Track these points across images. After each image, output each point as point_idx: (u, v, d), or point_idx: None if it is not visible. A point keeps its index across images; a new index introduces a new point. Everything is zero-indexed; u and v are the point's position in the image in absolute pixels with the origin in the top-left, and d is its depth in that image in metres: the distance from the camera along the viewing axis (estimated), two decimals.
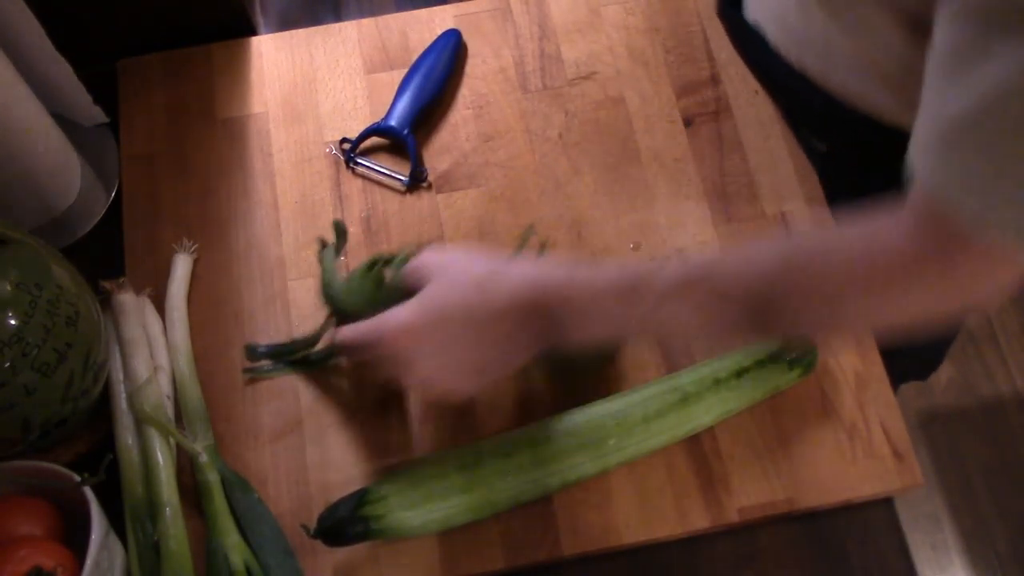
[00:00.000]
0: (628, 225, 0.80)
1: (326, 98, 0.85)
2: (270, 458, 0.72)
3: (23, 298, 0.61)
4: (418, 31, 0.88)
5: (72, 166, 0.80)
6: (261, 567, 0.66)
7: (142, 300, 0.75)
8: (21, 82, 0.73)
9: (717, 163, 0.82)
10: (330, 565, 0.68)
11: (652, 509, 0.69)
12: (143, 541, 0.66)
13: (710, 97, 0.85)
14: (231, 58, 0.87)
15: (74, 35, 0.77)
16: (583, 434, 0.68)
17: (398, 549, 0.69)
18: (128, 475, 0.68)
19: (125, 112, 0.84)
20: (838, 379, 0.73)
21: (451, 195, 0.81)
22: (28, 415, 0.62)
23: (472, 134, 0.84)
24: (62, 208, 0.80)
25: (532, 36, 0.88)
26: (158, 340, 0.73)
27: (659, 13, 0.88)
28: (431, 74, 0.83)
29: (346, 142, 0.83)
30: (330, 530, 0.64)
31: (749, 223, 0.79)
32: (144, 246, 0.79)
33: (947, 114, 0.48)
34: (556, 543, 0.69)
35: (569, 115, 0.84)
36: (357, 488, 0.66)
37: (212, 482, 0.69)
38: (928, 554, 1.50)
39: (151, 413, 0.68)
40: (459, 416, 0.73)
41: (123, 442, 0.69)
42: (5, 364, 0.60)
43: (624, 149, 0.83)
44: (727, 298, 0.57)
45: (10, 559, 0.60)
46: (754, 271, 0.56)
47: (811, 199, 0.80)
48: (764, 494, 0.70)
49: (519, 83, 0.86)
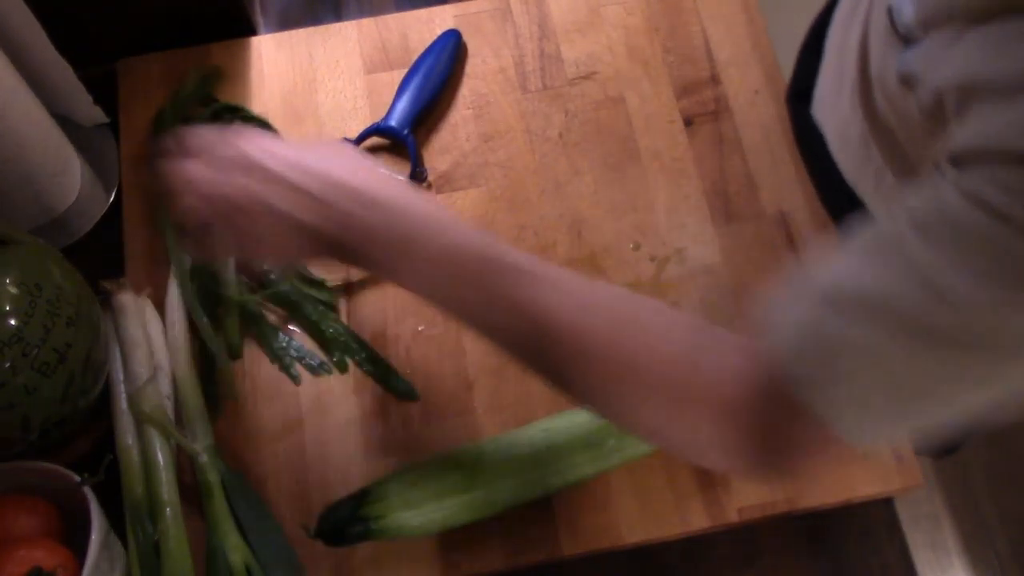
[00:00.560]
0: (628, 225, 0.80)
1: (326, 98, 0.85)
2: (270, 458, 0.72)
3: (23, 298, 0.61)
4: (418, 31, 0.88)
5: (72, 166, 0.80)
6: (261, 567, 0.66)
7: (142, 300, 0.75)
8: (21, 82, 0.73)
9: (717, 163, 0.82)
10: (330, 565, 0.68)
11: (652, 509, 0.69)
12: (143, 541, 0.66)
13: (710, 97, 0.85)
14: (231, 58, 0.87)
15: (74, 35, 0.77)
16: (583, 434, 0.68)
17: (398, 549, 0.69)
18: (128, 475, 0.68)
19: (125, 112, 0.84)
20: None
21: (451, 195, 0.81)
22: (28, 415, 0.62)
23: (472, 134, 0.84)
24: (62, 208, 0.80)
25: (532, 36, 0.88)
26: (158, 340, 0.73)
27: (659, 13, 0.88)
28: (431, 74, 0.83)
29: (346, 142, 0.83)
30: (330, 530, 0.64)
31: (749, 223, 0.79)
32: (144, 246, 0.79)
33: (833, 280, 0.44)
34: (556, 543, 0.69)
35: (569, 115, 0.84)
36: (357, 488, 0.66)
37: (212, 482, 0.69)
38: (928, 554, 1.50)
39: (151, 413, 0.68)
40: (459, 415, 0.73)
41: (123, 442, 0.69)
42: (5, 364, 0.60)
43: (624, 149, 0.83)
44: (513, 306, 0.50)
45: (10, 559, 0.60)
46: (591, 314, 0.50)
47: (811, 199, 0.80)
48: (764, 494, 0.70)
49: (519, 83, 0.86)
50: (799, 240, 0.79)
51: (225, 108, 0.83)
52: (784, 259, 0.78)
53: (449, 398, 0.74)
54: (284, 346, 0.75)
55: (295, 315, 0.76)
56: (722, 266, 0.78)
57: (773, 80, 0.85)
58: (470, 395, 0.74)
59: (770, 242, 0.79)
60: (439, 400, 0.74)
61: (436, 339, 0.76)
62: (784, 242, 0.79)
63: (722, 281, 0.78)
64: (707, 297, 0.77)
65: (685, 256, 0.78)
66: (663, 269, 0.78)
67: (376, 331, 0.76)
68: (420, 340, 0.76)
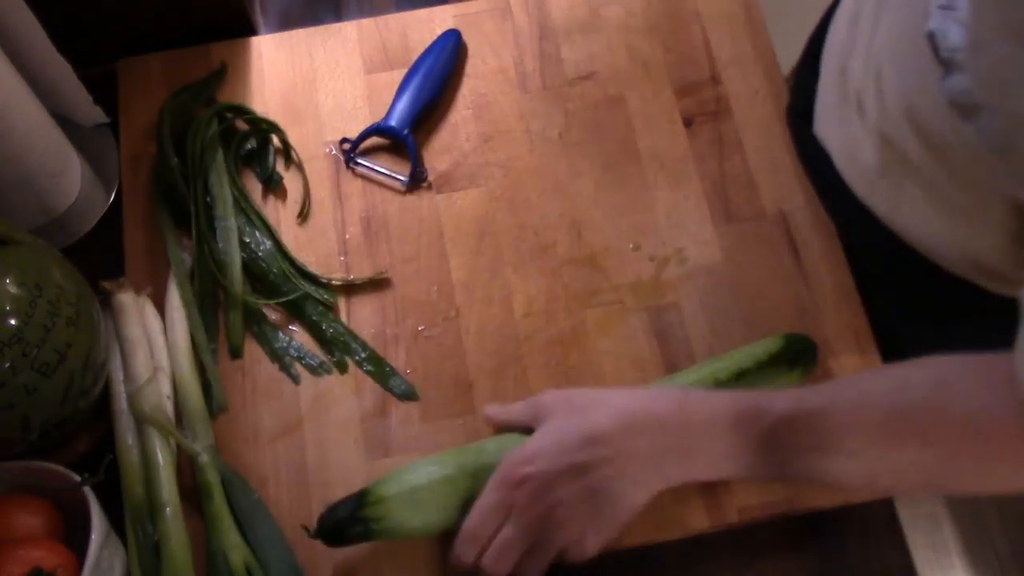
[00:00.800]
0: (628, 225, 0.80)
1: (326, 98, 0.85)
2: (270, 458, 0.72)
3: (23, 298, 0.61)
4: (418, 31, 0.88)
5: (72, 166, 0.80)
6: (261, 567, 0.66)
7: (142, 300, 0.75)
8: (21, 82, 0.73)
9: (717, 163, 0.82)
10: (330, 565, 0.68)
11: (652, 510, 0.69)
12: (143, 541, 0.66)
13: (710, 97, 0.85)
14: (231, 58, 0.87)
15: (74, 35, 0.77)
16: None
17: (398, 549, 0.69)
18: (128, 475, 0.68)
19: (125, 112, 0.84)
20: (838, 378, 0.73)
21: (451, 195, 0.81)
22: (28, 415, 0.62)
23: (472, 134, 0.84)
24: (62, 208, 0.80)
25: (532, 36, 0.88)
26: (158, 340, 0.73)
27: (659, 13, 0.88)
28: (431, 74, 0.83)
29: (346, 142, 0.83)
30: (330, 531, 0.64)
31: (749, 223, 0.79)
32: (144, 246, 0.79)
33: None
34: None
35: (569, 115, 0.84)
36: (357, 488, 0.66)
37: (212, 482, 0.69)
38: (928, 554, 1.50)
39: (151, 413, 0.68)
40: (459, 415, 0.73)
41: (123, 442, 0.69)
42: (5, 364, 0.60)
43: (624, 149, 0.83)
44: (842, 445, 0.57)
45: (10, 559, 0.60)
46: (864, 420, 0.56)
47: (811, 199, 0.80)
48: (764, 494, 0.70)
49: (519, 83, 0.86)
50: (799, 240, 0.79)
51: (228, 108, 0.83)
52: (784, 259, 0.78)
53: (449, 398, 0.74)
54: (284, 346, 0.75)
55: (295, 315, 0.77)
56: (722, 266, 0.78)
57: (773, 80, 0.85)
58: (470, 395, 0.74)
59: (770, 242, 0.79)
60: (439, 400, 0.74)
61: (436, 339, 0.76)
62: (784, 242, 0.79)
63: (722, 281, 0.78)
64: (707, 297, 0.77)
65: (685, 256, 0.78)
66: (663, 269, 0.78)
67: (376, 331, 0.76)
68: (420, 340, 0.76)
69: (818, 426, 0.57)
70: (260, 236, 0.78)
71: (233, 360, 0.75)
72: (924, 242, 0.69)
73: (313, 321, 0.76)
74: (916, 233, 0.69)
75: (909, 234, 0.69)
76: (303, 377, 0.75)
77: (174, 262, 0.77)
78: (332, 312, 0.76)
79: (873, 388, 0.59)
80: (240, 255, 0.77)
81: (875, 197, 0.71)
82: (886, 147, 0.66)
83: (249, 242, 0.78)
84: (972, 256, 0.66)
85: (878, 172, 0.68)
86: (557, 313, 0.76)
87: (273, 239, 0.78)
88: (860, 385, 0.60)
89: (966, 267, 0.67)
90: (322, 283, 0.77)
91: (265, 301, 0.76)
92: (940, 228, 0.66)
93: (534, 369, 0.74)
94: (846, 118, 0.71)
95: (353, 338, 0.75)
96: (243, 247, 0.78)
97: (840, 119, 0.73)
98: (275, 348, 0.75)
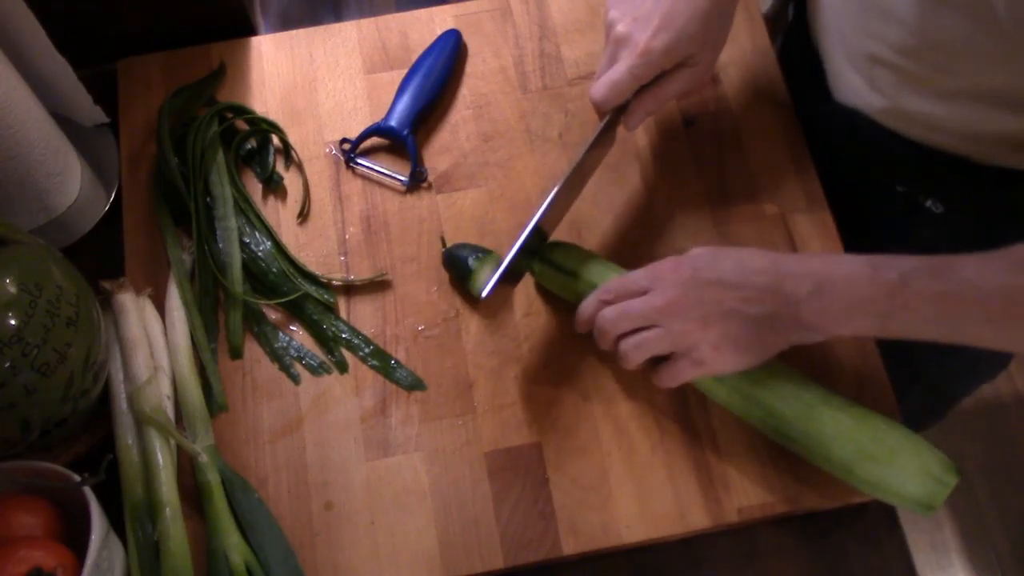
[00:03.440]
0: (628, 225, 0.80)
1: (326, 98, 0.85)
2: (270, 458, 0.72)
3: (23, 298, 0.61)
4: (418, 31, 0.88)
5: (72, 166, 0.80)
6: (261, 567, 0.66)
7: (142, 300, 0.75)
8: (21, 82, 0.73)
9: (717, 163, 0.82)
10: (330, 565, 0.68)
11: (652, 509, 0.69)
12: (143, 541, 0.66)
13: (710, 97, 0.85)
14: (231, 58, 0.87)
15: (74, 35, 0.77)
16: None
17: (398, 549, 0.69)
18: (128, 475, 0.68)
19: (125, 112, 0.84)
20: (838, 379, 0.73)
21: (451, 195, 0.81)
22: (28, 415, 0.63)
23: (472, 134, 0.84)
24: (62, 208, 0.80)
25: (532, 36, 0.88)
26: (158, 340, 0.73)
27: None
28: (431, 74, 0.83)
29: (346, 142, 0.83)
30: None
31: (749, 223, 0.79)
32: (144, 246, 0.79)
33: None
34: (556, 543, 0.69)
35: (569, 115, 0.84)
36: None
37: (212, 482, 0.69)
38: (928, 554, 1.50)
39: (151, 413, 0.68)
40: (459, 415, 0.73)
41: (123, 442, 0.69)
42: (5, 364, 0.60)
43: (624, 149, 0.83)
44: (967, 295, 0.58)
45: (10, 559, 0.60)
46: (990, 277, 0.58)
47: (811, 199, 0.80)
48: (764, 494, 0.70)
49: (519, 83, 0.86)
50: (799, 240, 0.79)
51: (228, 108, 0.83)
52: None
53: (449, 398, 0.74)
54: (284, 346, 0.75)
55: (295, 315, 0.77)
56: None
57: (773, 80, 0.85)
58: (470, 395, 0.74)
59: (770, 242, 0.79)
60: (439, 400, 0.74)
61: (436, 339, 0.76)
62: (784, 242, 0.79)
63: None
64: None
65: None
66: None
67: (376, 331, 0.76)
68: (420, 340, 0.76)
69: (950, 275, 0.59)
70: (260, 236, 0.78)
71: (233, 360, 0.75)
72: (986, 152, 0.71)
73: (313, 321, 0.76)
74: (976, 148, 0.71)
75: (973, 154, 0.71)
76: (303, 377, 0.75)
77: (174, 262, 0.77)
78: (332, 312, 0.76)
79: (988, 259, 0.60)
80: (240, 255, 0.77)
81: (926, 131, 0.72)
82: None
83: (249, 242, 0.78)
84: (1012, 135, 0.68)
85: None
86: (557, 313, 0.76)
87: (273, 239, 0.78)
88: (971, 258, 0.61)
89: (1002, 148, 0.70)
90: (322, 283, 0.77)
91: (265, 301, 0.76)
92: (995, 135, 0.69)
93: (534, 369, 0.74)
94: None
95: (356, 334, 0.75)
96: (243, 247, 0.78)
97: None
98: (275, 348, 0.75)
